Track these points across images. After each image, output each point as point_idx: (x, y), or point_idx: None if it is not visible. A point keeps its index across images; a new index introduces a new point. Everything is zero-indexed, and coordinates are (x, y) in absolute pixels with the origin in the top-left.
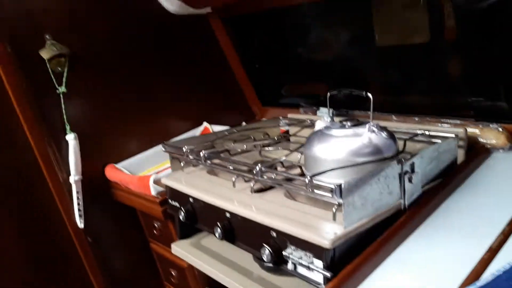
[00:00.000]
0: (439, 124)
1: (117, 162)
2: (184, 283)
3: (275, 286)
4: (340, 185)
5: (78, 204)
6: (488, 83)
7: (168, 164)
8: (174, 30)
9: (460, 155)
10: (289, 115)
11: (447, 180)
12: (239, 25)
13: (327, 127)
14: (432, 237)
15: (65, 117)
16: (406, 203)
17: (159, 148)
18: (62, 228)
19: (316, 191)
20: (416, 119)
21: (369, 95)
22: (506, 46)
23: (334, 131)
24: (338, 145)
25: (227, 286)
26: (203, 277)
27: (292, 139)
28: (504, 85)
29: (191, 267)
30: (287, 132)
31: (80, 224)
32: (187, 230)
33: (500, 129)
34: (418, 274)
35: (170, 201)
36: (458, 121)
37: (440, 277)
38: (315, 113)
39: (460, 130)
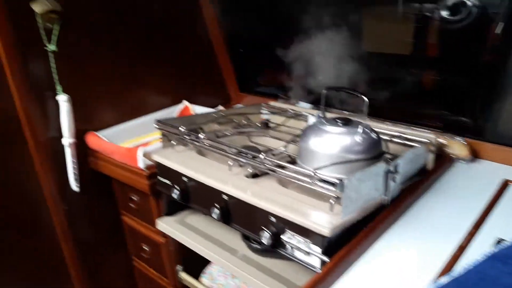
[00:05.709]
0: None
1: (96, 130)
2: (156, 259)
3: (259, 265)
4: (342, 180)
5: (74, 167)
6: (458, 100)
7: (149, 138)
8: (162, 4)
9: (430, 161)
10: (271, 103)
11: (421, 181)
12: (228, 6)
13: (321, 123)
14: (408, 231)
15: (56, 77)
16: (389, 199)
17: (140, 120)
18: (36, 191)
19: (318, 183)
20: (389, 123)
21: (364, 98)
22: (475, 72)
23: (329, 128)
24: (332, 141)
25: (213, 261)
26: (177, 254)
27: (281, 128)
28: (471, 105)
29: (166, 243)
30: (267, 120)
31: (76, 187)
32: (173, 208)
33: (464, 142)
34: (398, 263)
35: (160, 178)
36: (426, 130)
37: (418, 268)
38: (293, 105)
39: (432, 137)
